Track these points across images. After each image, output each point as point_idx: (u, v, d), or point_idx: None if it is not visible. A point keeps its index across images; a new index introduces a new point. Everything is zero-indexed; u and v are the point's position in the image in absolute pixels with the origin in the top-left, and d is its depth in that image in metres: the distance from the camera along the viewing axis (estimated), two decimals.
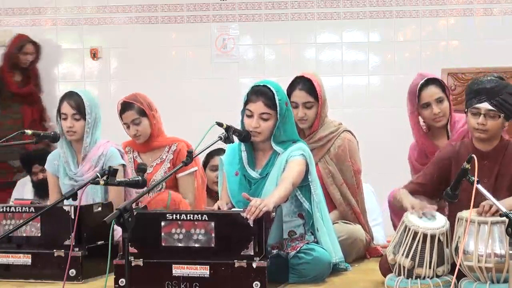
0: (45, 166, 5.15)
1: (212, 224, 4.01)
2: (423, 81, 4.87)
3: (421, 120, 5.02)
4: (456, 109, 5.12)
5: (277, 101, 4.35)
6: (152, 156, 5.33)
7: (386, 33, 8.04)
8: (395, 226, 5.21)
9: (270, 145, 4.43)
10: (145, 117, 5.23)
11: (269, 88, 4.38)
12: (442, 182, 4.21)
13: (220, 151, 5.26)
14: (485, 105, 4.06)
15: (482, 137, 4.12)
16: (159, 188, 5.26)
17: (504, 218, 3.59)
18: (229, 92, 7.92)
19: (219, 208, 4.29)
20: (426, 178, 4.28)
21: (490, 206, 3.77)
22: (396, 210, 5.09)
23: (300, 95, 4.84)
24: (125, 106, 5.24)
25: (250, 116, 4.38)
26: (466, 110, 4.17)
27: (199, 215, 4.04)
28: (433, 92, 4.84)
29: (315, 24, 8.09)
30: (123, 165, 4.92)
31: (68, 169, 4.94)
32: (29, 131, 4.81)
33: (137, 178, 4.26)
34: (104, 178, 4.07)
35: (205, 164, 5.85)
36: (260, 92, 4.38)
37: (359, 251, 4.86)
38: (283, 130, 4.39)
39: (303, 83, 4.86)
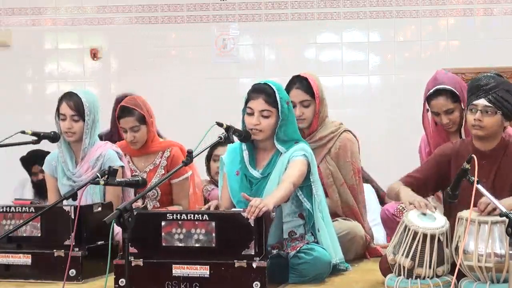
0: (43, 168, 5.13)
1: (213, 224, 4.01)
2: (431, 91, 4.73)
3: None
4: None
5: (278, 99, 4.35)
6: (144, 161, 5.29)
7: (386, 33, 8.04)
8: (388, 239, 5.21)
9: (272, 145, 4.43)
10: (144, 124, 5.17)
11: (270, 86, 4.39)
12: (439, 179, 4.21)
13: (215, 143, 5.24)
14: (482, 101, 4.06)
15: (479, 134, 4.11)
16: (154, 196, 5.24)
17: (504, 218, 3.59)
18: (229, 92, 7.93)
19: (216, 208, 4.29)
20: (423, 173, 4.28)
21: (486, 205, 3.77)
22: (388, 223, 5.10)
23: (296, 94, 4.84)
24: (125, 111, 5.16)
25: (251, 114, 4.38)
26: (466, 108, 4.16)
27: (200, 215, 4.04)
28: (441, 104, 4.70)
29: (315, 24, 8.09)
30: (122, 167, 4.91)
31: (66, 169, 4.93)
32: (29, 131, 4.80)
33: (137, 178, 4.27)
34: (104, 178, 4.07)
35: (209, 155, 5.90)
36: (261, 90, 4.39)
37: (358, 248, 4.86)
38: (285, 129, 4.39)
39: (300, 82, 4.88)
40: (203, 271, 4.00)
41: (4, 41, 8.29)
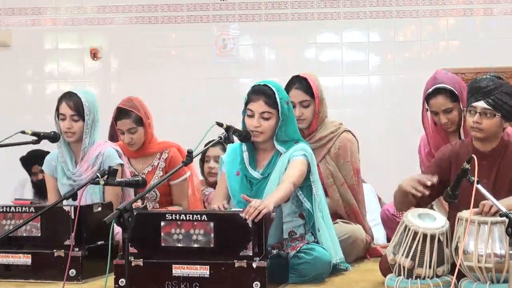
0: (43, 168, 5.13)
1: (212, 224, 4.01)
2: (431, 90, 4.73)
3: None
4: None
5: (278, 100, 4.34)
6: (143, 163, 5.28)
7: (386, 33, 8.04)
8: (388, 239, 5.21)
9: (272, 145, 4.43)
10: (141, 126, 5.16)
11: (270, 87, 4.38)
12: (442, 183, 4.21)
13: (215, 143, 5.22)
14: (481, 104, 4.06)
15: (478, 136, 4.12)
16: (153, 197, 5.24)
17: (504, 218, 3.59)
18: (229, 92, 7.93)
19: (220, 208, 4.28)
20: None
21: (490, 207, 3.77)
22: (388, 223, 5.09)
23: (296, 94, 4.85)
24: (122, 113, 5.15)
25: (251, 116, 4.37)
26: (465, 109, 4.17)
27: (199, 216, 4.04)
28: (440, 103, 4.69)
29: (315, 24, 8.09)
30: (121, 165, 4.91)
31: (66, 169, 4.94)
32: (29, 131, 4.80)
33: (137, 178, 4.26)
34: (104, 178, 4.07)
35: (202, 156, 5.92)
36: (261, 91, 4.38)
37: (359, 251, 4.86)
38: (285, 129, 4.39)
39: (299, 82, 4.88)
40: (203, 271, 4.00)
41: (4, 41, 8.30)
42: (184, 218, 4.05)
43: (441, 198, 4.58)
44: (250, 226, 3.95)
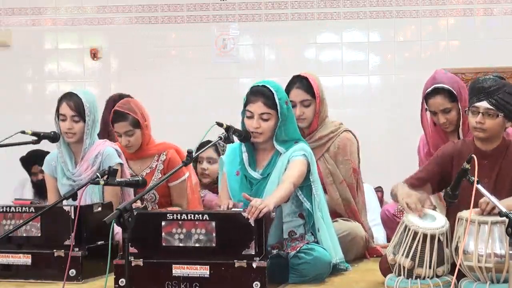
0: (43, 168, 5.12)
1: (213, 224, 4.01)
2: (429, 89, 4.75)
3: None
4: None
5: (277, 101, 4.34)
6: (141, 164, 5.27)
7: (386, 33, 8.04)
8: (388, 239, 5.21)
9: (271, 145, 4.43)
10: (138, 128, 5.14)
11: (268, 88, 4.37)
12: (442, 179, 4.21)
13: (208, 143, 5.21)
14: (483, 104, 4.06)
15: (480, 136, 4.12)
16: (152, 199, 5.23)
17: (504, 218, 3.59)
18: (229, 92, 7.93)
19: (229, 208, 4.28)
20: (426, 174, 4.28)
21: (487, 203, 3.77)
22: (388, 223, 5.10)
23: (297, 94, 4.86)
24: (119, 116, 5.12)
25: (250, 117, 4.37)
26: (467, 109, 4.17)
27: (200, 215, 4.04)
28: (438, 103, 4.71)
29: (315, 24, 8.09)
30: (120, 164, 4.90)
31: (66, 169, 4.93)
32: (29, 131, 4.80)
33: (137, 178, 4.27)
34: (104, 178, 4.07)
35: (195, 157, 5.88)
36: (259, 92, 4.37)
37: (359, 249, 4.86)
38: (284, 129, 4.39)
39: (300, 81, 4.89)
40: (203, 271, 4.00)
41: (4, 41, 8.30)
42: (186, 218, 4.05)
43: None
44: (252, 225, 3.95)
